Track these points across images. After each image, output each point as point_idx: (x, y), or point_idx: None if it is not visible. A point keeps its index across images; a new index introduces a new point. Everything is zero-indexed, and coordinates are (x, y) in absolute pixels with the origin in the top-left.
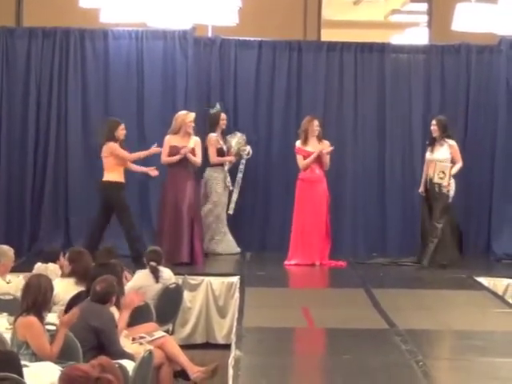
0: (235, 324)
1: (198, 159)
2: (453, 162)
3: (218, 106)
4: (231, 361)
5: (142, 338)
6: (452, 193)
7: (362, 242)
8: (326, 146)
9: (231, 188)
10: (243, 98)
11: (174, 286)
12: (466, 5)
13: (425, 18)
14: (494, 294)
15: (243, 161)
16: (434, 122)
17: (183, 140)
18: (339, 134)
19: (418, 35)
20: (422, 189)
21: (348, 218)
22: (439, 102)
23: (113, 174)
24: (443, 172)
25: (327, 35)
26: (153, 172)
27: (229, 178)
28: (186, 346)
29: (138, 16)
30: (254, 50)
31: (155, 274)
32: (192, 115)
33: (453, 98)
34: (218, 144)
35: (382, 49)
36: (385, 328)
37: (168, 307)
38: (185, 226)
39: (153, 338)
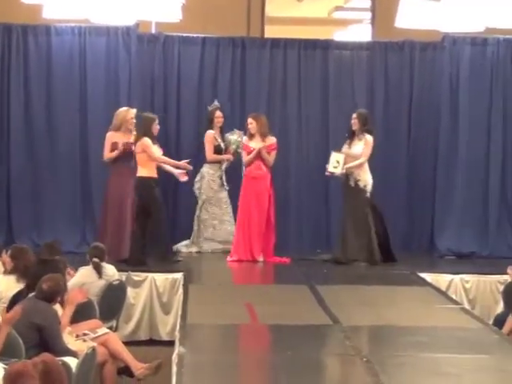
0: (179, 320)
1: None
2: (362, 155)
3: (215, 102)
4: (175, 357)
5: (85, 334)
6: (370, 187)
7: (306, 239)
8: (270, 143)
9: (227, 188)
10: (186, 94)
11: (117, 282)
12: (409, 2)
13: (368, 14)
14: (437, 289)
15: None
16: (354, 115)
17: (125, 136)
18: (283, 130)
19: (361, 32)
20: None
21: (293, 214)
22: (383, 98)
23: (145, 170)
24: (337, 161)
25: (271, 32)
26: (182, 177)
27: (224, 177)
28: (129, 343)
29: (80, 12)
30: (197, 46)
31: (98, 271)
32: (133, 112)
33: (396, 95)
34: (215, 141)
35: (326, 45)
36: (329, 324)
37: (111, 304)
38: (128, 223)
39: (96, 334)
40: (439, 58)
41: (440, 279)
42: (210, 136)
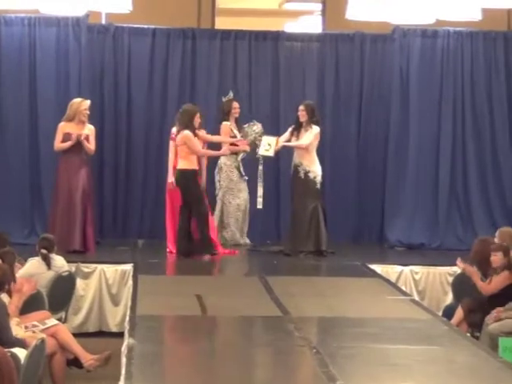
0: (128, 312)
1: (91, 146)
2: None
3: (230, 93)
4: (124, 349)
5: (34, 326)
6: (319, 178)
7: (256, 230)
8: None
9: (246, 178)
10: (137, 85)
11: (66, 273)
12: None
13: (319, 6)
14: (387, 281)
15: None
16: (301, 107)
17: (77, 127)
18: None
19: (312, 23)
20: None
21: None
22: (333, 90)
23: (186, 162)
24: (269, 144)
25: (221, 23)
26: (242, 146)
27: (242, 168)
28: (78, 334)
29: (30, 2)
30: (147, 37)
31: (47, 262)
32: (87, 103)
33: (347, 87)
34: (231, 133)
35: (276, 37)
36: (278, 315)
37: (61, 295)
38: (78, 213)
39: (45, 326)
40: (390, 50)
41: (390, 270)
42: (226, 127)
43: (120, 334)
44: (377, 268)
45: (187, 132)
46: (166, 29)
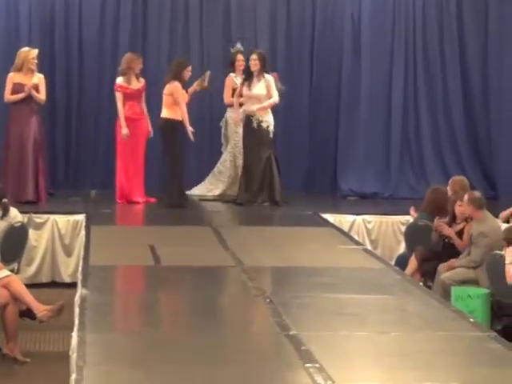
0: (81, 262)
1: (42, 96)
2: (268, 96)
3: (237, 45)
4: (77, 299)
5: None
6: (272, 128)
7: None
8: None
9: None
10: (88, 30)
11: (19, 224)
12: None
13: None
14: (340, 230)
15: None
16: (253, 56)
17: (26, 77)
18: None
19: None
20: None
21: (192, 153)
22: (284, 38)
23: (170, 112)
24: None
25: None
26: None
27: None
28: (31, 285)
29: None
30: None
31: (4, 212)
32: (35, 51)
33: (298, 35)
34: (234, 84)
35: None
36: (231, 265)
37: (13, 246)
38: (29, 164)
39: None
40: None
41: (343, 220)
42: (229, 79)
43: (73, 285)
44: (329, 217)
45: (177, 83)
46: None
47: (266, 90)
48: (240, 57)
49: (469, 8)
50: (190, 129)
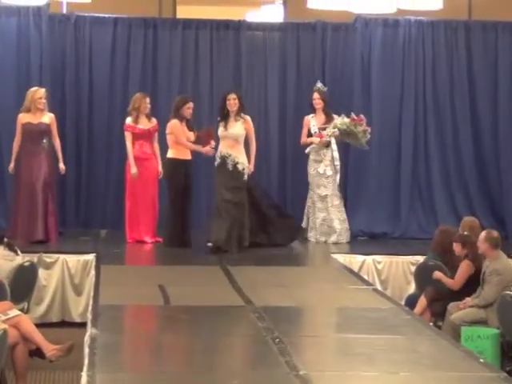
0: (91, 302)
1: (55, 139)
2: (248, 138)
3: (318, 84)
4: (87, 339)
5: None
6: (247, 170)
7: None
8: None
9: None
10: (99, 75)
11: (28, 263)
12: None
13: None
14: (350, 270)
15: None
16: (233, 95)
17: (35, 116)
18: (195, 112)
19: (273, 12)
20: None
21: None
22: (295, 79)
23: (173, 151)
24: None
25: (183, 12)
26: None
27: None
28: (41, 325)
29: None
30: (109, 26)
31: (13, 249)
32: (41, 91)
33: (309, 76)
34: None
35: (238, 26)
36: (241, 305)
37: (23, 285)
38: (39, 204)
39: (7, 316)
40: (351, 40)
41: (352, 260)
42: (308, 120)
43: (83, 324)
44: (339, 257)
45: (174, 121)
46: (128, 18)
47: (244, 130)
48: (316, 95)
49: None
50: (206, 149)
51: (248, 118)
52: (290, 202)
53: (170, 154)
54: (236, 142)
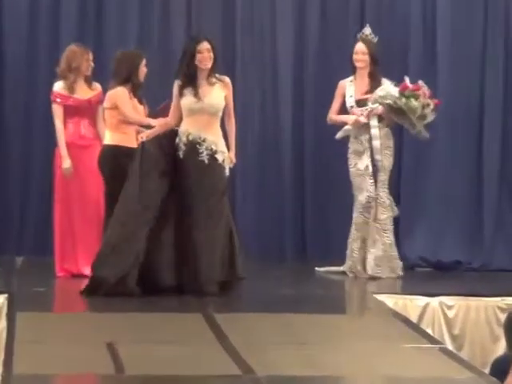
0: (1, 370)
1: None
2: (225, 111)
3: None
4: None
5: None
6: (228, 161)
7: None
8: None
9: None
10: (11, 18)
11: None
12: None
13: None
14: (404, 320)
15: None
16: (205, 45)
17: None
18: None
19: None
20: None
21: None
22: (318, 19)
23: (115, 136)
24: None
25: None
26: None
27: None
28: None
29: None
30: None
31: None
32: None
33: (339, 17)
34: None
35: None
36: (236, 374)
37: None
38: None
39: None
40: None
41: (409, 303)
42: (343, 86)
43: None
44: (387, 299)
45: (119, 88)
46: None
47: (223, 100)
48: (359, 47)
49: None
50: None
51: (227, 79)
52: (310, 210)
53: (108, 140)
54: (213, 117)
